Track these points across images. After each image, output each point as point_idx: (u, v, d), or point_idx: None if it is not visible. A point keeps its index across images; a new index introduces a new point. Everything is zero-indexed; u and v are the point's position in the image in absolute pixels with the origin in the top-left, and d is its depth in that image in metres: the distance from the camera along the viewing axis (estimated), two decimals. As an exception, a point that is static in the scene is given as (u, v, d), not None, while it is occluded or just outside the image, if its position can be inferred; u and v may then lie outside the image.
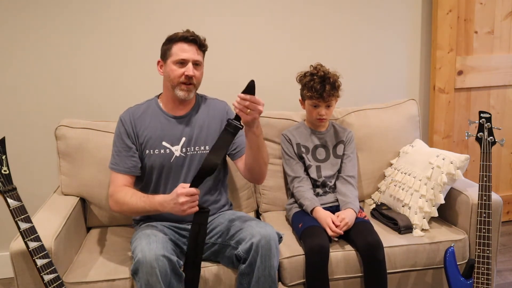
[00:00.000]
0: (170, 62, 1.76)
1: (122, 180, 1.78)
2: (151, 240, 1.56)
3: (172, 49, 1.76)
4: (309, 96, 2.01)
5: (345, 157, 2.11)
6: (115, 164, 1.80)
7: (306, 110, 2.10)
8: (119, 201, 1.72)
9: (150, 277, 1.49)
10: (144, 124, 1.82)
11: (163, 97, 1.88)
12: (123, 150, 1.80)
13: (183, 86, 1.77)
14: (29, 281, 1.60)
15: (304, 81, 2.03)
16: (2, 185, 1.45)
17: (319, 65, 2.05)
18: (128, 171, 1.79)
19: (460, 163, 1.98)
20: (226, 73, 2.47)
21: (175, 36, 1.77)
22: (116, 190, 1.76)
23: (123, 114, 1.85)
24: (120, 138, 1.81)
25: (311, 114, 2.06)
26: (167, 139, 1.81)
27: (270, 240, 1.62)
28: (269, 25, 2.49)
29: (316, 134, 2.12)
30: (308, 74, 2.03)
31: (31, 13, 2.26)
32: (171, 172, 1.82)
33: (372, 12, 2.59)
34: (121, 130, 1.82)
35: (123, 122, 1.83)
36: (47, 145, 2.30)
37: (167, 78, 1.79)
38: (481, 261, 1.76)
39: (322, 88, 1.96)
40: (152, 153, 1.80)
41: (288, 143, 2.11)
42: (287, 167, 2.11)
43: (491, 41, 2.72)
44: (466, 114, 2.77)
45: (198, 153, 1.82)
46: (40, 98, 2.35)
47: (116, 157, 1.80)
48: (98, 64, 2.37)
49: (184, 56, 1.74)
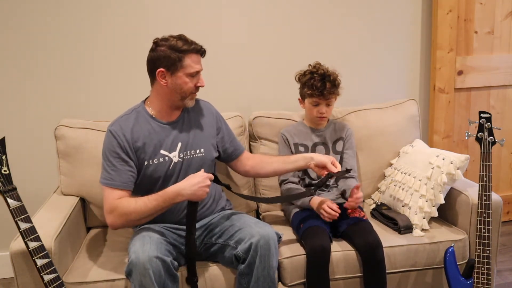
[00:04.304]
0: (182, 74, 1.70)
1: (119, 195, 1.68)
2: (145, 242, 1.57)
3: (184, 60, 1.68)
4: (309, 94, 2.01)
5: (344, 154, 2.12)
6: (110, 179, 1.68)
7: (306, 109, 2.10)
8: (124, 213, 1.63)
9: (143, 278, 1.49)
10: (139, 135, 1.73)
11: (153, 103, 1.79)
12: (119, 164, 1.70)
13: (193, 95, 1.77)
14: (29, 281, 1.60)
15: (304, 80, 2.03)
16: (2, 185, 1.45)
17: (318, 63, 2.05)
18: (125, 186, 1.70)
19: (460, 163, 1.98)
20: (224, 73, 2.47)
21: (186, 48, 1.68)
22: (114, 204, 1.65)
23: (112, 126, 1.74)
24: (114, 152, 1.70)
25: (311, 112, 2.06)
26: (165, 147, 1.77)
27: (269, 240, 1.63)
28: (269, 25, 2.49)
29: (315, 132, 2.12)
30: (308, 73, 2.03)
31: (31, 14, 2.26)
32: (171, 179, 1.78)
33: (372, 12, 2.59)
34: (113, 143, 1.71)
35: (114, 135, 1.71)
36: (47, 145, 2.30)
37: (175, 89, 1.72)
38: (481, 261, 1.76)
39: (322, 86, 1.96)
40: (151, 163, 1.75)
41: (286, 143, 2.11)
42: None
43: (491, 41, 2.72)
44: (466, 114, 2.77)
45: (194, 157, 1.81)
46: (40, 98, 2.35)
47: (112, 172, 1.69)
48: (98, 64, 2.37)
49: (198, 69, 1.72)
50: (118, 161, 1.70)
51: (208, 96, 2.00)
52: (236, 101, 2.44)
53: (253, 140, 2.28)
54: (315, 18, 2.54)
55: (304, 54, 2.53)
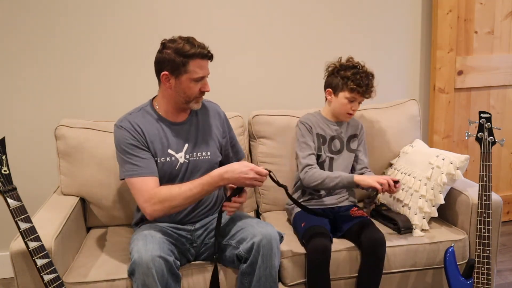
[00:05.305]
0: (186, 79, 1.68)
1: (153, 183, 1.67)
2: (147, 241, 1.57)
3: (188, 65, 1.66)
4: (351, 89, 1.96)
5: (358, 152, 2.12)
6: (139, 168, 1.66)
7: (337, 102, 2.02)
8: (166, 199, 1.61)
9: (146, 278, 1.49)
10: (148, 133, 1.74)
11: (160, 104, 1.79)
12: (142, 154, 1.69)
13: (198, 99, 1.75)
14: (29, 281, 1.60)
15: (347, 74, 1.97)
16: (2, 185, 1.44)
17: (351, 58, 2.03)
18: (154, 173, 1.68)
19: (460, 163, 1.98)
20: (224, 73, 2.46)
21: (191, 52, 1.65)
22: (153, 192, 1.63)
23: (122, 123, 1.73)
24: (130, 144, 1.69)
25: (344, 107, 2.01)
26: (172, 147, 1.77)
27: (271, 239, 1.63)
28: (269, 24, 2.49)
29: (333, 126, 2.09)
30: (350, 66, 1.99)
31: (31, 14, 2.26)
32: (176, 180, 1.78)
33: (372, 12, 2.59)
34: (127, 136, 1.69)
35: (126, 128, 1.70)
36: (47, 145, 2.30)
37: (180, 93, 1.71)
38: (481, 261, 1.76)
39: (367, 83, 1.97)
40: (159, 161, 1.75)
41: (309, 131, 2.04)
42: (302, 153, 2.01)
43: (491, 41, 2.72)
44: (466, 114, 2.77)
45: (201, 159, 1.81)
46: (40, 98, 2.35)
47: (137, 163, 1.67)
48: (98, 64, 2.37)
49: (203, 74, 1.70)
50: (138, 151, 1.70)
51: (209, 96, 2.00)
52: (237, 101, 2.44)
53: (252, 140, 2.29)
54: (315, 18, 2.54)
55: (304, 54, 2.54)
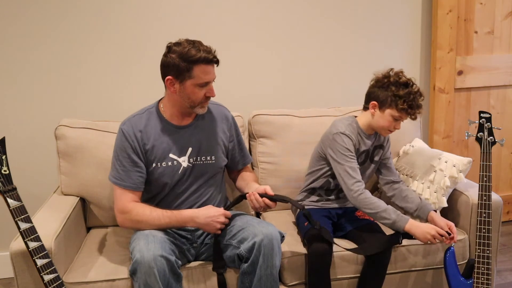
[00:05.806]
0: (190, 84, 1.65)
1: (131, 196, 1.71)
2: (149, 241, 1.56)
3: (192, 71, 1.63)
4: (402, 109, 1.82)
5: (387, 163, 2.03)
6: (121, 179, 1.70)
7: (382, 118, 1.88)
8: (136, 220, 1.66)
9: (148, 277, 1.49)
10: (149, 137, 1.73)
11: (166, 106, 1.77)
12: (129, 165, 1.71)
13: (203, 104, 1.73)
14: (29, 281, 1.59)
15: (400, 92, 1.83)
16: (2, 185, 1.44)
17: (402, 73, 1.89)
18: (135, 188, 1.72)
19: (463, 166, 1.97)
20: (225, 73, 2.46)
21: (196, 58, 1.62)
22: (128, 207, 1.68)
23: (124, 126, 1.74)
24: (125, 153, 1.71)
25: (388, 124, 1.88)
26: (174, 151, 1.76)
27: (272, 239, 1.63)
28: (269, 24, 2.49)
29: (368, 139, 1.98)
30: (403, 84, 1.85)
31: (31, 14, 2.26)
32: (179, 184, 1.78)
33: (372, 12, 2.59)
34: (124, 144, 1.71)
35: (126, 135, 1.71)
36: (47, 145, 2.30)
37: (184, 98, 1.69)
38: (481, 261, 1.76)
39: (419, 105, 1.85)
40: (160, 166, 1.74)
41: (354, 146, 1.91)
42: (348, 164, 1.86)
43: (491, 41, 2.72)
44: (466, 114, 2.77)
45: (205, 163, 1.80)
46: (40, 98, 2.34)
47: (122, 172, 1.71)
48: (98, 64, 2.37)
49: (207, 79, 1.67)
50: (129, 163, 1.72)
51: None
52: (237, 101, 2.43)
53: (252, 139, 2.29)
54: (315, 18, 2.53)
55: (304, 54, 2.53)
